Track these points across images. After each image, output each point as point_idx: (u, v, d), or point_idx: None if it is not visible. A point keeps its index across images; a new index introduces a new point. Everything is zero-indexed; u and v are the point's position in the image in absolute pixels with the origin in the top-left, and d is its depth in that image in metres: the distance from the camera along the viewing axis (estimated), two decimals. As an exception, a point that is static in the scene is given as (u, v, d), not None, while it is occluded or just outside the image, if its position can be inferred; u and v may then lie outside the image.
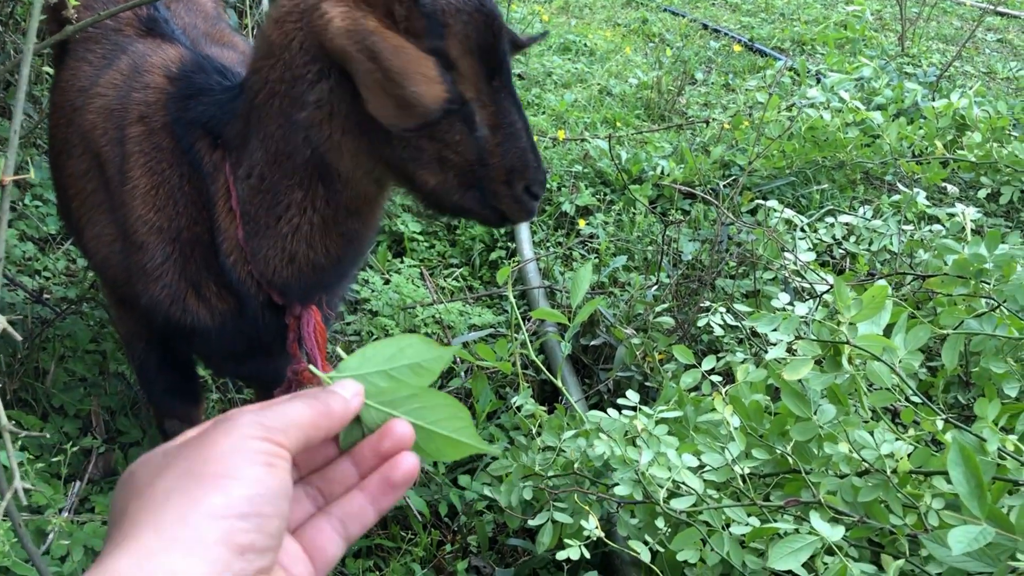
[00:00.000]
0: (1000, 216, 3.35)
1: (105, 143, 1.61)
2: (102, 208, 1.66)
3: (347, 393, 0.68)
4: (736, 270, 2.80)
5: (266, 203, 1.48)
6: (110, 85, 1.66)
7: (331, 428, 0.67)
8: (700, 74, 4.99)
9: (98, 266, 1.75)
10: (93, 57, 1.77)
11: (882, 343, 1.47)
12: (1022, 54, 5.48)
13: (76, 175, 1.70)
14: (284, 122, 1.41)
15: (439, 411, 0.70)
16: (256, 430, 0.60)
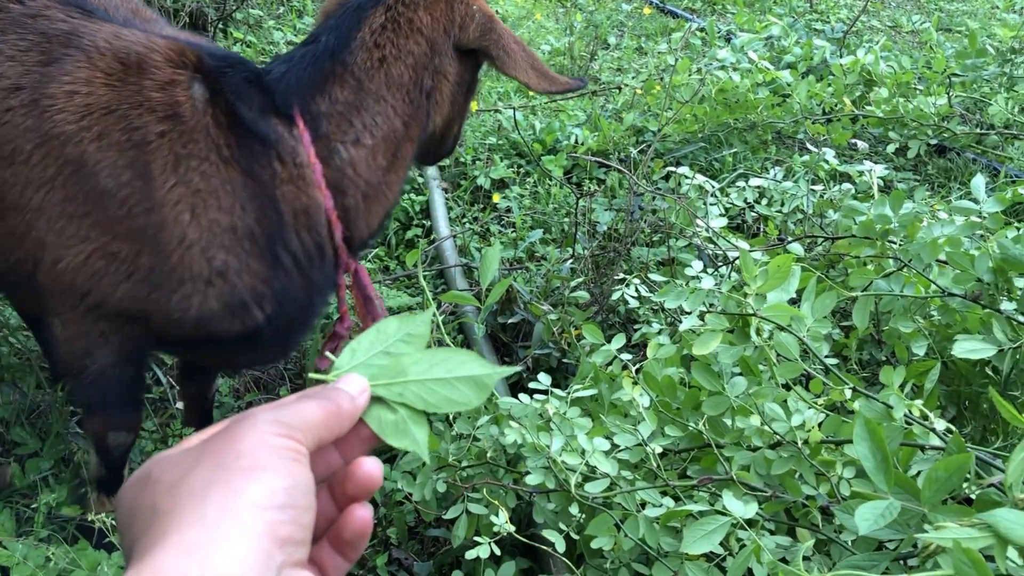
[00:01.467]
0: (909, 170, 3.40)
1: (100, 146, 1.48)
2: (89, 220, 1.50)
3: (353, 390, 0.67)
4: (651, 238, 2.78)
5: (379, 164, 1.65)
6: (93, 82, 1.50)
7: (341, 428, 0.65)
8: (613, 38, 4.95)
9: (78, 284, 1.55)
10: (8, 48, 1.56)
11: (789, 312, 1.45)
12: (926, 8, 5.56)
13: (28, 184, 1.51)
14: (412, 88, 1.65)
15: (449, 360, 0.69)
16: (277, 427, 0.60)
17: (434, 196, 3.26)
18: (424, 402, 0.68)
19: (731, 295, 1.48)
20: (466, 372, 0.69)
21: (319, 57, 1.62)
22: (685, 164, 3.29)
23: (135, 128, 1.48)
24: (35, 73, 1.53)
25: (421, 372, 0.69)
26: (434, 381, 0.69)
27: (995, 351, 1.58)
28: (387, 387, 0.69)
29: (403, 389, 0.68)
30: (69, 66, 1.52)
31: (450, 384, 0.69)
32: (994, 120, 3.51)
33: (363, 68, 1.63)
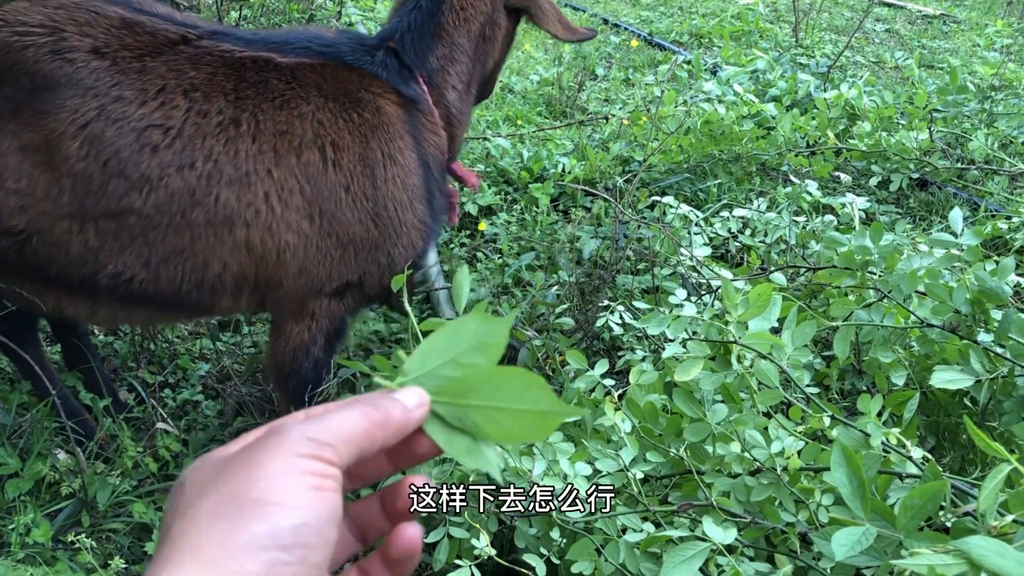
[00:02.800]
0: (891, 203, 3.44)
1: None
2: (327, 215, 1.88)
3: (410, 401, 0.63)
4: (636, 266, 2.81)
5: (465, 100, 2.12)
6: (304, 103, 1.83)
7: (388, 439, 0.61)
8: (601, 70, 5.01)
9: (320, 276, 1.88)
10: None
11: (769, 341, 1.47)
12: (909, 44, 5.65)
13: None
14: (479, 39, 2.08)
15: (514, 387, 0.64)
16: (305, 447, 0.57)
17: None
18: (483, 430, 0.65)
19: (713, 323, 1.50)
20: (531, 405, 0.64)
21: (424, 22, 2.01)
22: (671, 194, 3.33)
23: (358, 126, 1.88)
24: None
25: (485, 397, 0.64)
26: (496, 410, 0.64)
27: (972, 382, 1.60)
28: (448, 406, 0.65)
29: (464, 413, 0.65)
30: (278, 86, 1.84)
31: (513, 415, 0.64)
32: (974, 155, 3.57)
33: (453, 26, 2.04)
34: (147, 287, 1.81)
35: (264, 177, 1.78)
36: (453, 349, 0.66)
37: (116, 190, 1.72)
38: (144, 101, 1.73)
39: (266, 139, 1.78)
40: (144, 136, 1.72)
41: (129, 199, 1.73)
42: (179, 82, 1.76)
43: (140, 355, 2.66)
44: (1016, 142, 3.80)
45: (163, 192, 1.73)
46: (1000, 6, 6.34)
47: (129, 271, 1.79)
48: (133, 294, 1.82)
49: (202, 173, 1.74)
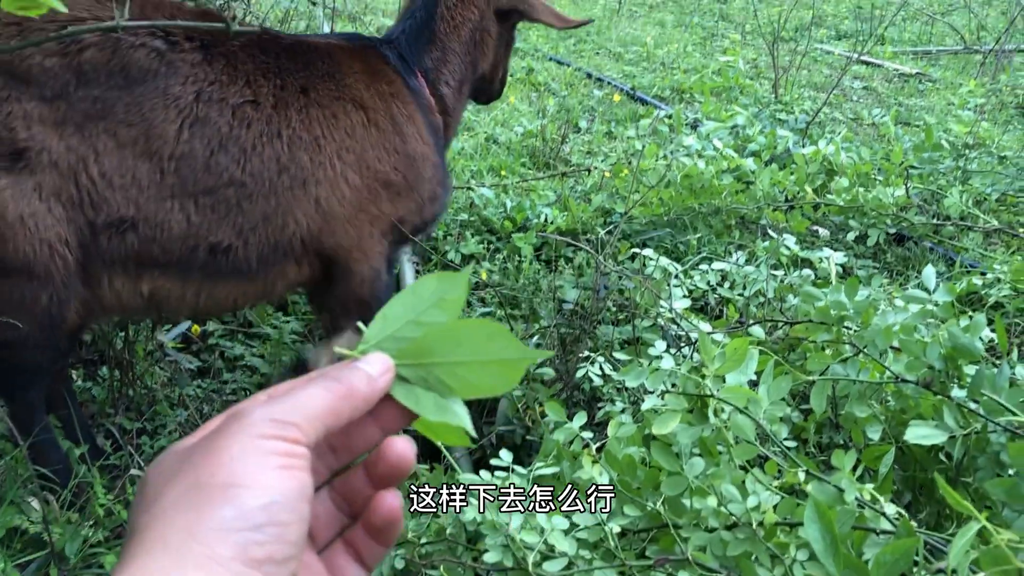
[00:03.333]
0: (868, 257, 3.49)
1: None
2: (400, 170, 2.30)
3: (373, 369, 0.62)
4: (617, 317, 2.83)
5: (458, 96, 2.47)
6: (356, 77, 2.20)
7: (355, 411, 0.60)
8: (584, 122, 5.08)
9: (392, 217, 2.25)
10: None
11: (746, 395, 1.48)
12: (886, 102, 5.77)
13: None
14: (470, 44, 2.41)
15: (476, 338, 0.63)
16: (268, 427, 0.55)
17: (404, 270, 3.30)
18: (449, 387, 0.64)
19: (690, 376, 1.51)
20: (496, 354, 0.63)
21: (419, 29, 2.35)
22: (651, 246, 3.36)
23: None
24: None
25: (448, 352, 0.63)
26: (460, 364, 0.63)
27: (946, 438, 1.62)
28: (412, 368, 0.64)
29: (427, 372, 0.64)
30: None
31: (477, 368, 0.63)
32: (950, 212, 3.63)
33: (444, 33, 2.37)
34: (237, 255, 2.01)
35: (329, 139, 2.07)
36: (413, 310, 0.65)
37: (218, 165, 1.91)
38: (235, 81, 1.94)
39: (325, 106, 2.07)
40: (239, 112, 1.94)
41: (229, 172, 1.92)
42: (256, 64, 2.00)
43: (118, 401, 2.65)
44: (990, 199, 3.88)
45: (257, 161, 1.95)
46: (973, 66, 6.50)
47: (225, 240, 1.97)
48: (222, 266, 2.01)
49: (286, 140, 2.00)
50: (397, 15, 2.50)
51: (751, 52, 6.72)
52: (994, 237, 3.66)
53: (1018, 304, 2.96)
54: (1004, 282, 2.99)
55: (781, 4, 7.86)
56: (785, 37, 7.13)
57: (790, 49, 6.69)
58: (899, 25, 7.81)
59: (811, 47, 6.84)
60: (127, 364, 2.65)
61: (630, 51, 6.73)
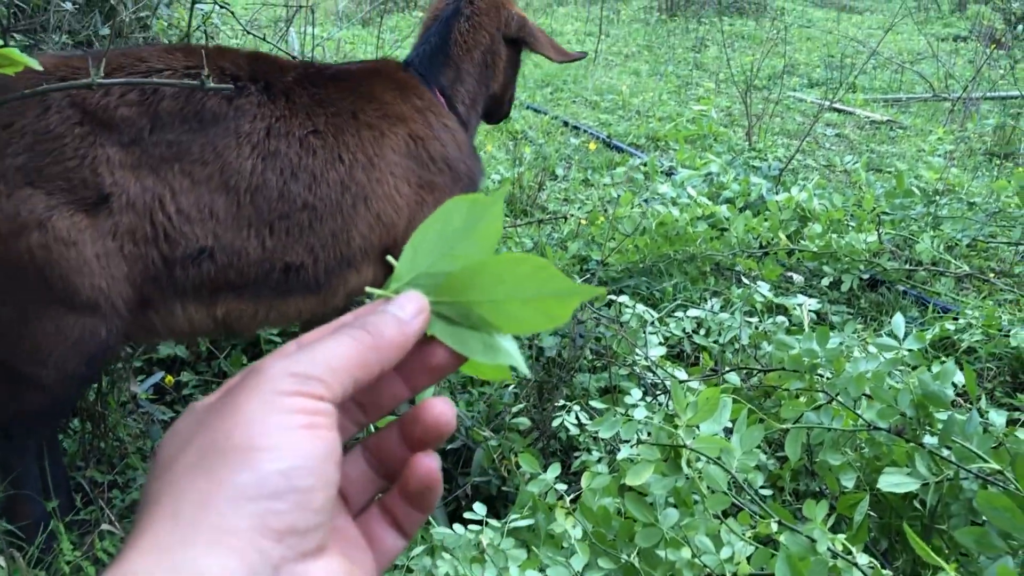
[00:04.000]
0: (842, 303, 3.52)
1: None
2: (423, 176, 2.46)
3: (405, 312, 0.56)
4: (594, 364, 2.83)
5: (472, 112, 2.64)
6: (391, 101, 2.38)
7: (386, 360, 0.54)
8: (561, 170, 5.12)
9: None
10: None
11: (718, 445, 1.48)
12: (858, 149, 5.86)
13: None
14: (482, 66, 2.62)
15: (521, 273, 0.58)
16: (288, 383, 0.50)
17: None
18: (495, 324, 0.58)
19: (663, 427, 1.51)
20: (542, 290, 0.57)
21: (435, 52, 2.55)
22: (628, 293, 3.38)
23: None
24: None
25: (490, 289, 0.58)
26: (505, 301, 0.58)
27: (918, 485, 1.63)
28: (451, 306, 0.59)
29: (468, 310, 0.58)
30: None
31: (522, 305, 0.58)
32: (922, 257, 3.68)
33: (458, 56, 2.56)
34: (308, 272, 2.15)
35: (381, 156, 2.24)
36: (445, 241, 0.60)
37: (291, 192, 2.07)
38: (296, 114, 2.11)
39: (374, 126, 2.25)
40: (306, 143, 2.11)
41: (302, 197, 2.08)
42: (310, 97, 2.16)
43: (89, 454, 2.61)
44: (961, 245, 3.93)
45: (324, 186, 2.12)
46: (943, 113, 6.63)
47: (298, 260, 2.12)
48: (294, 284, 2.15)
49: (347, 163, 2.17)
50: (415, 40, 2.75)
51: (725, 100, 6.83)
52: (966, 282, 3.71)
53: (990, 349, 2.99)
54: (976, 327, 3.02)
55: (754, 53, 8.01)
56: (758, 85, 7.25)
57: (763, 97, 6.80)
58: (870, 73, 7.97)
59: (784, 95, 6.96)
60: (99, 416, 2.62)
61: (606, 99, 6.82)
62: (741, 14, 10.41)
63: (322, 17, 8.86)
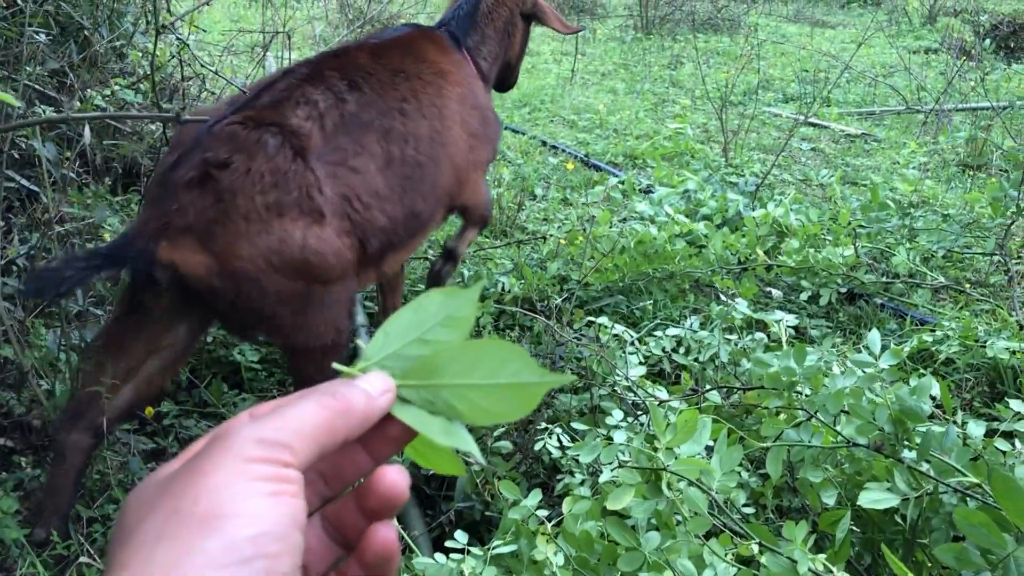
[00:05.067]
0: (821, 317, 3.54)
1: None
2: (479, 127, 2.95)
3: (373, 388, 0.56)
4: (575, 384, 2.83)
5: (493, 68, 3.17)
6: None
7: (351, 430, 0.55)
8: (540, 190, 5.14)
9: (485, 161, 2.96)
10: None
11: (698, 466, 1.49)
12: (833, 161, 5.92)
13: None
14: (503, 34, 3.15)
15: (491, 360, 0.57)
16: (255, 449, 0.50)
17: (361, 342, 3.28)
18: (458, 411, 0.58)
19: (643, 450, 1.51)
20: (512, 378, 0.57)
21: (464, 17, 3.06)
22: (608, 312, 3.39)
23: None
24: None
25: (458, 374, 0.58)
26: (472, 387, 0.58)
27: (898, 501, 1.63)
28: (417, 389, 0.58)
29: (434, 395, 0.58)
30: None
31: (491, 392, 0.57)
32: (898, 269, 3.71)
33: (483, 23, 3.10)
34: (424, 216, 2.60)
35: (443, 107, 2.66)
36: (418, 327, 0.60)
37: (412, 158, 2.49)
38: (387, 91, 2.50)
39: (431, 82, 2.65)
40: (402, 112, 2.51)
41: (416, 158, 2.51)
42: (385, 69, 2.56)
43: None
44: (936, 256, 3.97)
45: (426, 143, 2.55)
46: (916, 125, 6.70)
47: (419, 206, 2.55)
48: (415, 228, 2.59)
49: (428, 118, 2.59)
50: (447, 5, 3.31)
51: (701, 116, 6.88)
52: (942, 293, 3.74)
53: (968, 359, 3.01)
54: (953, 338, 3.05)
55: (729, 70, 8.08)
56: (734, 101, 7.31)
57: (739, 113, 6.86)
58: (844, 87, 8.05)
59: (759, 110, 7.02)
60: (78, 450, 2.59)
61: (583, 118, 6.85)
62: (716, 31, 10.50)
63: (300, 42, 8.88)
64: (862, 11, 12.52)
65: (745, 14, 11.27)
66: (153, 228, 2.05)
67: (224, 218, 2.07)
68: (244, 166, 2.10)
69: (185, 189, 2.08)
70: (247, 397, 3.07)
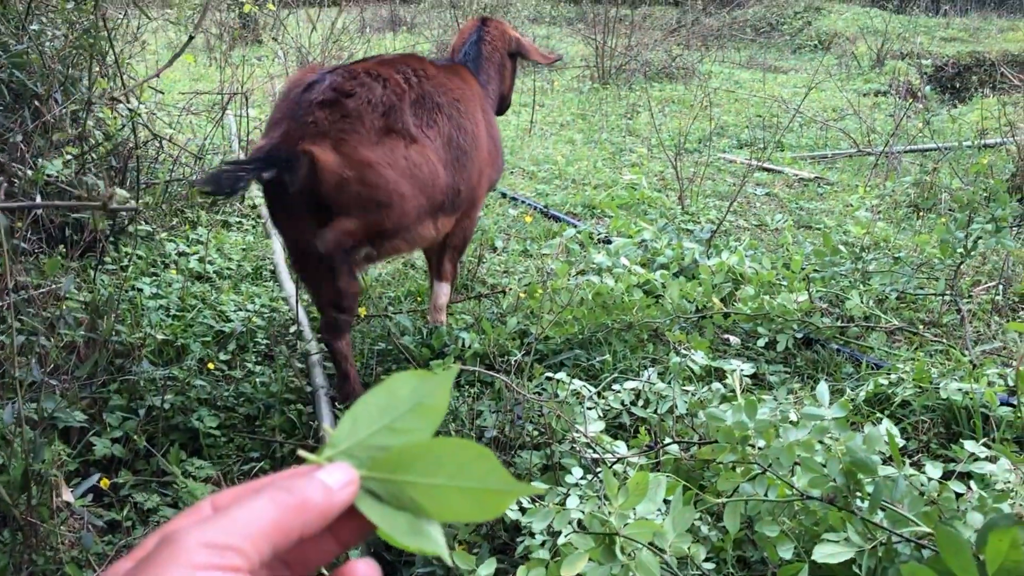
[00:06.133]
0: (779, 363, 3.58)
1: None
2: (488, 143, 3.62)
3: (333, 481, 0.54)
4: (536, 440, 2.82)
5: (495, 100, 3.88)
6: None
7: (307, 526, 0.53)
8: (500, 242, 5.17)
9: (493, 179, 3.76)
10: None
11: (651, 529, 1.49)
12: (787, 206, 6.02)
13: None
14: (499, 72, 3.87)
15: (459, 460, 0.56)
16: (203, 555, 0.48)
17: (321, 405, 3.26)
18: (424, 508, 0.57)
19: (595, 515, 1.51)
20: (479, 482, 0.56)
21: (473, 61, 3.79)
22: (568, 365, 3.40)
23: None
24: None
25: (426, 471, 0.56)
26: (439, 487, 0.56)
27: (852, 554, 1.65)
28: (382, 483, 0.57)
29: (400, 490, 0.57)
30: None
31: (457, 493, 0.56)
32: (853, 313, 3.77)
33: (485, 63, 3.83)
34: (460, 197, 3.31)
35: (478, 120, 3.42)
36: (387, 414, 0.59)
37: (459, 143, 3.24)
38: (446, 94, 3.25)
39: (469, 99, 3.41)
40: (454, 109, 3.26)
41: (462, 145, 3.25)
42: (442, 81, 3.30)
43: (22, 566, 2.52)
44: (890, 299, 4.03)
45: (469, 137, 3.29)
46: (867, 167, 6.84)
47: (460, 185, 3.27)
48: (457, 204, 3.32)
49: (471, 119, 3.34)
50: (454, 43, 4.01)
51: (658, 165, 6.97)
52: (897, 335, 3.80)
53: (923, 401, 3.05)
54: (907, 381, 3.09)
55: (683, 118, 8.23)
56: (689, 148, 7.43)
57: (694, 160, 6.97)
58: (796, 131, 8.22)
59: (714, 157, 7.14)
60: (31, 527, 2.54)
61: (543, 169, 6.92)
62: (671, 79, 10.70)
63: (260, 98, 8.92)
64: (813, 56, 12.83)
65: (699, 62, 11.50)
66: (296, 135, 2.75)
67: (350, 129, 2.81)
68: (365, 97, 2.89)
69: (319, 107, 2.81)
70: (203, 465, 3.03)
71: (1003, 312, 4.04)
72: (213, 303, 4.04)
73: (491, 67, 3.84)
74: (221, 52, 8.69)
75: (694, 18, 14.31)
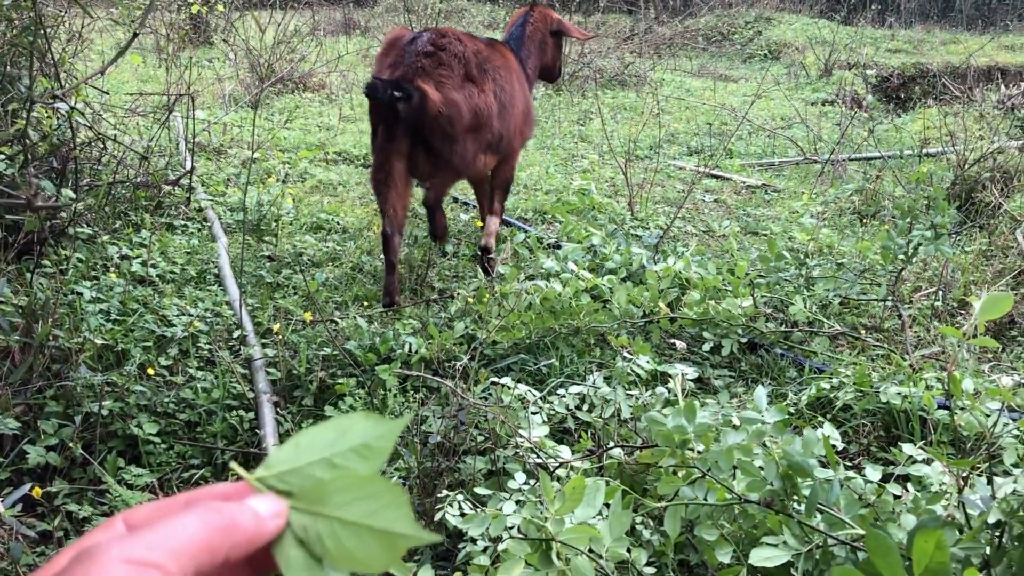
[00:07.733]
0: (724, 367, 3.61)
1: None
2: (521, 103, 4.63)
3: (264, 509, 0.52)
4: (481, 445, 2.81)
5: (535, 74, 5.00)
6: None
7: (234, 549, 0.50)
8: (451, 247, 5.15)
9: (524, 133, 4.75)
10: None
11: (587, 534, 1.48)
12: (734, 212, 6.08)
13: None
14: (541, 47, 4.98)
15: (375, 501, 0.54)
16: (123, 572, 0.45)
17: (264, 411, 3.21)
18: (326, 549, 0.54)
19: (532, 520, 1.50)
20: (383, 524, 0.54)
21: (517, 39, 4.82)
22: (515, 370, 3.39)
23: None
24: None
25: (340, 506, 0.55)
26: (346, 524, 0.54)
27: (788, 557, 1.66)
28: (302, 513, 0.55)
29: (312, 523, 0.55)
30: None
31: (360, 534, 0.54)
32: (796, 318, 3.81)
33: (529, 42, 4.85)
34: (503, 141, 4.34)
35: (516, 85, 4.40)
36: (331, 447, 0.57)
37: (504, 98, 4.24)
38: (492, 62, 4.22)
39: (511, 69, 4.39)
40: (498, 74, 4.23)
41: (504, 101, 4.24)
42: (490, 52, 4.27)
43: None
44: (833, 304, 4.09)
45: (507, 94, 4.26)
46: (814, 175, 6.95)
47: (503, 132, 4.30)
48: (499, 146, 4.34)
49: (510, 83, 4.32)
50: (506, 27, 5.03)
51: (609, 171, 7.01)
52: (840, 340, 3.85)
53: (863, 405, 3.10)
54: (848, 385, 3.13)
55: (634, 125, 8.28)
56: (640, 155, 7.48)
57: (645, 167, 7.01)
58: (745, 139, 8.32)
59: (664, 163, 7.19)
60: (-43, 539, 2.46)
61: (494, 174, 6.91)
62: (623, 86, 10.77)
63: (210, 100, 8.80)
64: (763, 65, 13.00)
65: (651, 70, 11.59)
66: (410, 75, 3.86)
67: (445, 74, 3.91)
68: (454, 49, 4.02)
69: (423, 56, 3.93)
70: (142, 473, 2.96)
71: (942, 317, 4.12)
72: (155, 307, 3.96)
73: (532, 44, 4.82)
74: (168, 53, 8.54)
75: (647, 27, 14.44)
